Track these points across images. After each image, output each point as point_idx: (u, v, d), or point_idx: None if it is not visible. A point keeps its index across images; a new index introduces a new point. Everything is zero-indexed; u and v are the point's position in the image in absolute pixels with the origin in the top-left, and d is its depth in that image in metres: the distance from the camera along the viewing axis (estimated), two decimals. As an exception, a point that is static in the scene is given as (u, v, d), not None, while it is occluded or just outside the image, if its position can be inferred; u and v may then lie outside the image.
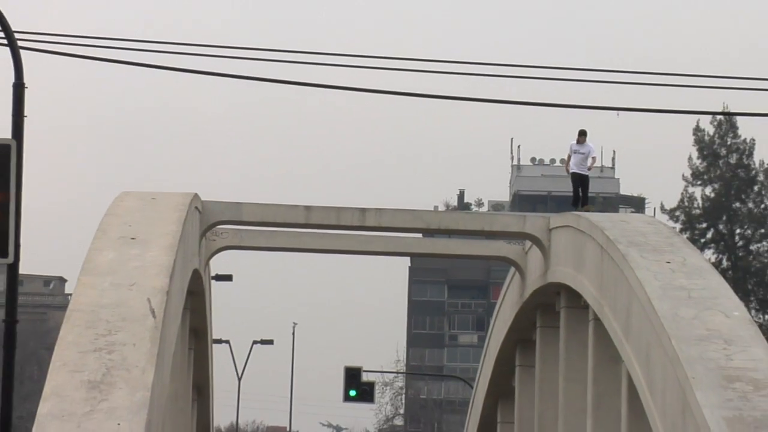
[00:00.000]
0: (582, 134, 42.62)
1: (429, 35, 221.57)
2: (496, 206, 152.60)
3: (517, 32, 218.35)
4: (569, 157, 43.02)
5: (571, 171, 43.32)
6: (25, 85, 23.28)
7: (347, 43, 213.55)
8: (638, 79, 39.88)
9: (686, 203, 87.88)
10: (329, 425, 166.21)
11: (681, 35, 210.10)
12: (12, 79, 23.40)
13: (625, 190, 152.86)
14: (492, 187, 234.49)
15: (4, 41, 23.19)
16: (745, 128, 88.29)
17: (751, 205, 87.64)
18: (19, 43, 23.62)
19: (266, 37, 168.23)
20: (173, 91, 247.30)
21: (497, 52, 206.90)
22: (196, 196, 40.25)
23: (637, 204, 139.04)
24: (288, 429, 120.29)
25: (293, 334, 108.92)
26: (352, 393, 72.77)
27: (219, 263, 50.92)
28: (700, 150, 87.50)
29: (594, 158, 43.54)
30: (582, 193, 43.98)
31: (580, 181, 43.70)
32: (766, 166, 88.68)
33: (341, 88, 33.65)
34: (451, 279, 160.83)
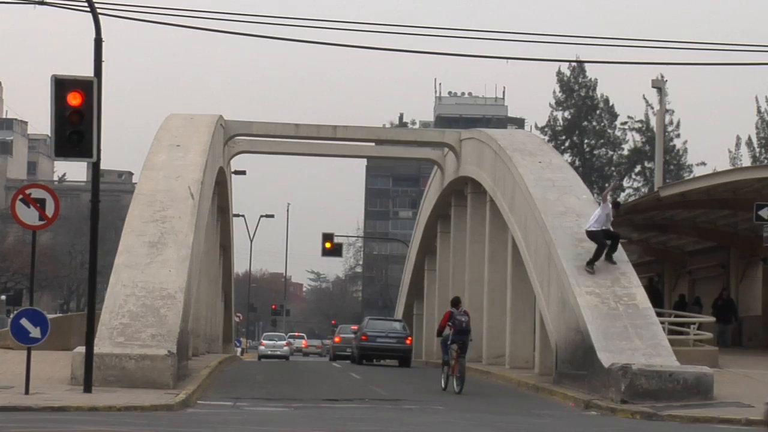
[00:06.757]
0: (616, 205, 30.60)
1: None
2: (425, 124, 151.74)
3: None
4: (598, 216, 29.50)
5: (599, 228, 29.23)
6: (103, 40, 22.74)
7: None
8: (521, 37, 39.65)
9: (552, 122, 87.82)
10: (312, 272, 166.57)
11: (542, 7, 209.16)
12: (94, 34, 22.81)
13: (511, 114, 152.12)
14: (422, 111, 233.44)
15: (87, 8, 22.63)
16: (591, 71, 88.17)
17: (594, 123, 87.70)
18: (98, 9, 23.05)
19: None
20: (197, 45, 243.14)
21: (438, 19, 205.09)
22: (221, 116, 39.87)
23: (519, 123, 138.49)
24: (284, 274, 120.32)
25: (288, 210, 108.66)
26: (328, 250, 72.74)
27: (237, 162, 50.51)
28: (561, 86, 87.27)
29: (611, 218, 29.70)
30: (612, 245, 29.38)
31: (606, 236, 29.28)
32: (605, 97, 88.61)
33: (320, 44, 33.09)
34: (394, 173, 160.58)
